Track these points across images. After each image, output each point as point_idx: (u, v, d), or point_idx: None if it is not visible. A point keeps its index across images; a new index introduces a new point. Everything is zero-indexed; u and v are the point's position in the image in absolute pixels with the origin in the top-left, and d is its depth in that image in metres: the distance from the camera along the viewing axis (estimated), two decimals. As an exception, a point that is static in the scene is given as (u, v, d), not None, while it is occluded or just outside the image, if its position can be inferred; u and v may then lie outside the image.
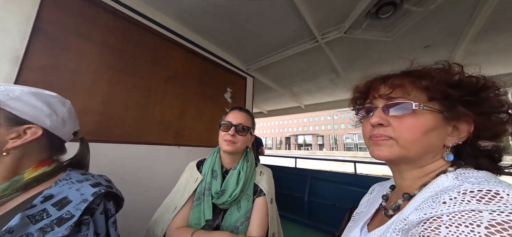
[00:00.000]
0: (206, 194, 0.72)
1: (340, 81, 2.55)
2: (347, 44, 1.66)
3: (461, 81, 0.37)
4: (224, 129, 0.77)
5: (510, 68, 1.97)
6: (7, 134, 0.44)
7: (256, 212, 0.72)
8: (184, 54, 1.54)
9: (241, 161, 0.79)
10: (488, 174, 0.33)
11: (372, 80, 0.46)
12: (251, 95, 2.24)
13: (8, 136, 0.44)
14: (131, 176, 1.16)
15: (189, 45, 1.57)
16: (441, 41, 1.56)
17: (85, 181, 0.48)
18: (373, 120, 0.41)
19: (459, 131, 0.38)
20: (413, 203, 0.35)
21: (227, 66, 1.91)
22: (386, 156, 0.39)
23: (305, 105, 3.70)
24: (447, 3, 1.15)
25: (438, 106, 0.37)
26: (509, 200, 0.26)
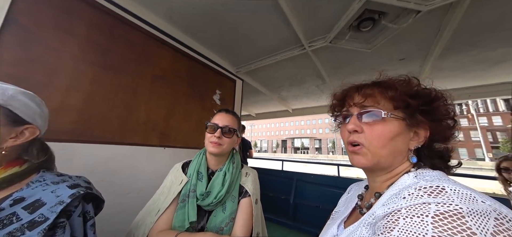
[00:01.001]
0: (190, 196, 0.72)
1: (325, 87, 2.67)
2: (332, 53, 1.76)
3: (418, 92, 0.43)
4: (210, 131, 0.78)
5: (466, 83, 2.22)
6: (8, 133, 0.43)
7: (241, 212, 0.73)
8: (172, 54, 1.52)
9: (227, 163, 0.80)
10: (441, 173, 0.39)
11: (348, 89, 0.51)
12: (240, 98, 2.25)
13: (8, 135, 0.43)
14: (113, 177, 1.11)
15: (178, 46, 1.55)
16: (413, 56, 1.71)
17: (61, 182, 0.46)
18: (349, 126, 0.45)
19: (418, 135, 0.44)
20: (381, 200, 0.40)
21: (216, 68, 1.92)
22: (363, 164, 0.44)
23: (293, 109, 3.80)
24: (417, 23, 1.27)
25: (402, 114, 0.43)
26: (451, 194, 0.31)
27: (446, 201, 0.30)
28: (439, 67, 1.85)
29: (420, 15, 1.18)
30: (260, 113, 4.39)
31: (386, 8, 1.19)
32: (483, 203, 0.29)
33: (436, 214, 0.29)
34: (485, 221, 0.27)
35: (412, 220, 0.30)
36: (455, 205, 0.29)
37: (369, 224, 0.38)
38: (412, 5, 1.12)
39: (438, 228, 0.28)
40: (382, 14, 1.26)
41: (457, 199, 0.29)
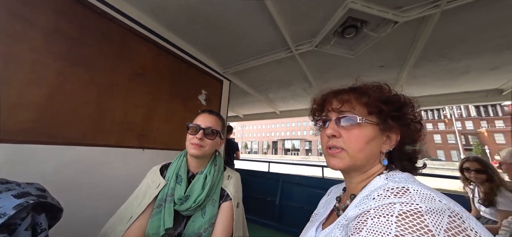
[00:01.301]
0: (167, 201, 0.68)
1: (312, 90, 2.73)
2: (318, 57, 1.80)
3: (389, 99, 0.46)
4: (192, 132, 0.75)
5: (437, 90, 2.41)
6: None
7: (221, 216, 0.71)
8: (154, 51, 1.44)
9: (208, 165, 0.77)
10: (409, 175, 0.41)
11: (327, 94, 0.52)
12: (227, 99, 2.21)
13: None
14: (83, 181, 1.02)
15: (161, 42, 1.48)
16: (392, 63, 1.82)
17: (5, 191, 0.40)
18: (328, 131, 0.47)
19: (390, 139, 0.46)
20: (355, 202, 0.41)
21: (202, 67, 1.86)
22: (340, 166, 0.46)
23: (280, 111, 3.84)
24: (395, 33, 1.35)
25: (375, 119, 0.45)
26: (414, 194, 0.32)
27: (409, 201, 0.32)
28: (414, 75, 1.99)
29: (397, 26, 1.25)
30: (247, 115, 4.37)
31: (367, 17, 1.24)
32: (439, 202, 0.31)
33: (399, 214, 0.31)
34: (440, 219, 0.29)
35: (379, 220, 0.32)
36: (416, 205, 0.31)
37: (342, 225, 0.39)
38: (390, 16, 1.18)
39: (400, 227, 0.30)
40: (364, 23, 1.31)
41: (418, 199, 0.32)
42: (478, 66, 1.80)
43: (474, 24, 1.28)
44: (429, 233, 0.28)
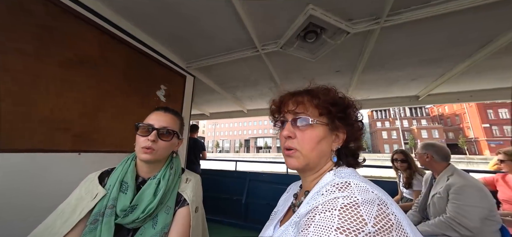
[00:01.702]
0: (106, 214, 0.57)
1: (278, 90, 2.84)
2: (283, 58, 1.87)
3: (336, 101, 0.50)
4: (142, 133, 0.65)
5: (379, 95, 2.87)
6: None
7: (176, 224, 0.64)
8: (102, 37, 1.22)
9: (163, 169, 0.69)
10: (353, 170, 0.46)
11: (284, 96, 0.54)
12: (190, 95, 2.07)
13: None
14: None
15: (111, 29, 1.26)
16: (345, 69, 2.06)
17: None
18: (284, 132, 0.50)
19: (338, 138, 0.51)
20: (307, 199, 0.43)
21: (162, 61, 1.68)
22: (296, 166, 0.49)
23: (248, 110, 3.85)
24: (347, 42, 1.53)
25: (325, 120, 0.49)
26: (354, 188, 0.36)
27: (349, 194, 0.35)
28: (362, 80, 2.30)
29: (349, 36, 1.42)
30: (214, 113, 4.22)
31: (326, 24, 1.36)
32: (372, 193, 0.35)
33: (341, 207, 0.34)
34: (371, 208, 0.33)
35: (325, 215, 0.34)
36: (355, 197, 0.34)
37: (295, 223, 0.41)
38: (343, 26, 1.32)
39: (341, 219, 0.33)
40: (323, 30, 1.43)
41: (357, 192, 0.35)
42: (404, 77, 2.22)
43: (401, 43, 1.57)
44: (363, 221, 0.32)
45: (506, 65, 1.88)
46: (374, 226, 0.31)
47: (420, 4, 1.16)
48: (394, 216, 0.33)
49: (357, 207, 0.33)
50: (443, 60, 1.82)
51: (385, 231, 0.31)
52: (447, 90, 2.62)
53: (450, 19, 1.28)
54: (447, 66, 1.94)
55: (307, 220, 0.36)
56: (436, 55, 1.76)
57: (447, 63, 1.88)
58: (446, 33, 1.44)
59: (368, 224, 0.31)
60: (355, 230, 0.31)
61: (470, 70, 1.92)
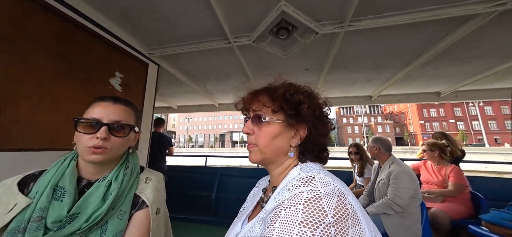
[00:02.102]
0: (31, 229, 0.46)
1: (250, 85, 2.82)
2: (256, 53, 1.86)
3: (287, 98, 0.51)
4: (86, 130, 0.54)
5: (341, 94, 3.18)
6: None
7: (132, 230, 0.56)
8: (18, 3, 0.94)
9: (116, 169, 0.60)
10: (318, 165, 0.48)
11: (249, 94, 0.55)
12: (154, 86, 1.87)
13: None
14: None
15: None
16: (314, 68, 2.19)
17: None
18: (243, 129, 0.53)
19: (299, 134, 0.52)
20: (274, 194, 0.44)
21: (118, 44, 1.45)
22: (254, 160, 0.52)
23: (219, 104, 3.74)
24: (316, 42, 1.62)
25: (282, 117, 0.50)
26: (317, 182, 0.38)
27: (313, 188, 0.37)
28: (328, 79, 2.50)
29: (318, 36, 1.50)
30: (182, 106, 3.95)
31: (297, 23, 1.40)
32: (333, 186, 0.38)
33: (306, 201, 0.35)
34: (331, 199, 0.35)
35: (290, 210, 0.35)
36: (318, 191, 0.36)
37: (262, 219, 0.41)
38: (313, 26, 1.39)
39: (305, 212, 0.34)
40: (294, 28, 1.47)
41: (320, 185, 0.37)
42: (361, 79, 2.51)
43: (361, 48, 1.75)
44: (324, 213, 0.34)
45: (429, 75, 2.32)
46: (334, 216, 0.34)
47: (376, 14, 1.31)
48: (350, 206, 0.36)
49: (320, 200, 0.35)
50: (390, 66, 2.13)
51: (342, 219, 0.34)
52: (392, 92, 3.08)
53: (395, 32, 1.48)
54: (392, 72, 2.27)
55: (273, 216, 0.37)
56: (385, 62, 2.03)
57: (392, 69, 2.20)
58: (392, 43, 1.67)
59: (328, 215, 0.33)
60: (317, 222, 0.32)
61: (407, 77, 2.30)
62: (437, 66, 2.09)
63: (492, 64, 2.02)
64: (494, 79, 2.35)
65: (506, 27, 1.41)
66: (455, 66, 2.09)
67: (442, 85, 2.73)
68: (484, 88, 2.74)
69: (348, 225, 0.34)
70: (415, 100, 3.27)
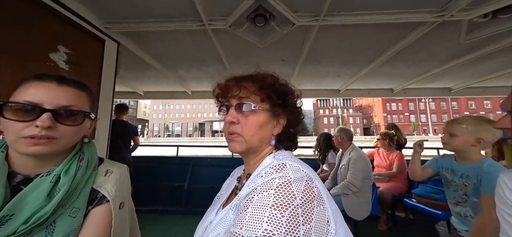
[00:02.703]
0: None
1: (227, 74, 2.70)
2: (232, 40, 1.79)
3: (277, 88, 0.53)
4: (17, 116, 0.44)
5: (313, 86, 3.36)
6: None
7: (89, 227, 0.50)
8: None
9: (66, 161, 0.51)
10: (290, 153, 0.51)
11: (229, 80, 0.53)
12: (113, 67, 1.63)
13: None
14: None
15: None
16: (289, 59, 2.23)
17: None
18: (228, 118, 0.49)
19: (279, 123, 0.54)
20: (248, 181, 0.44)
21: (62, 12, 1.19)
22: (238, 150, 0.50)
23: (192, 92, 3.53)
24: (293, 34, 1.64)
25: (267, 105, 0.50)
26: (288, 168, 0.40)
27: (284, 175, 0.38)
28: (302, 72, 2.59)
29: (294, 28, 1.52)
30: (150, 92, 3.60)
31: (274, 11, 1.38)
32: (302, 171, 0.40)
33: (277, 186, 0.37)
34: (301, 184, 0.38)
35: (262, 195, 0.37)
36: (288, 177, 0.38)
37: (235, 205, 0.42)
38: (290, 16, 1.39)
39: (276, 196, 0.36)
40: (272, 16, 1.46)
41: (291, 172, 0.39)
42: (332, 72, 2.69)
43: (332, 43, 1.86)
44: (293, 196, 0.36)
45: (386, 73, 2.65)
46: (301, 199, 0.36)
47: (348, 11, 1.39)
48: (316, 189, 0.40)
49: (290, 184, 0.37)
50: (357, 62, 2.33)
51: (309, 201, 0.37)
52: (357, 87, 3.40)
53: (363, 30, 1.61)
54: (359, 68, 2.49)
55: (246, 202, 0.38)
56: (353, 58, 2.21)
57: (359, 65, 2.42)
58: (360, 41, 1.82)
59: (297, 198, 0.36)
60: (286, 205, 0.35)
61: (369, 73, 2.57)
62: (392, 66, 2.38)
63: (430, 67, 2.41)
64: (430, 80, 2.82)
65: (442, 36, 1.69)
66: (405, 66, 2.41)
67: (395, 83, 3.15)
68: (425, 87, 3.26)
69: (313, 205, 0.37)
70: (374, 95, 3.69)
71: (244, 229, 0.33)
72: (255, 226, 0.33)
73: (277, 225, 0.32)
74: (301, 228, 0.33)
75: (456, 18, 1.37)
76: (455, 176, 1.21)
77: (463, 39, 1.66)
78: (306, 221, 0.35)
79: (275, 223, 0.32)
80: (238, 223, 0.35)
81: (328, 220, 0.39)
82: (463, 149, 1.17)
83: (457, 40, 1.71)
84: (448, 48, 1.92)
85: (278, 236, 0.31)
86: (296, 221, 0.34)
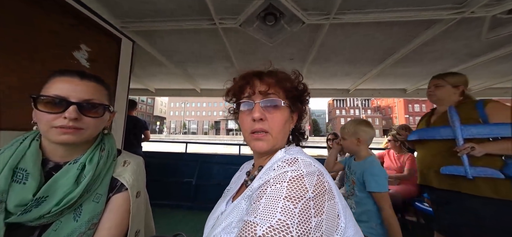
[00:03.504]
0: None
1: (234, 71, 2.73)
2: (242, 38, 1.80)
3: (297, 86, 0.55)
4: (48, 109, 0.48)
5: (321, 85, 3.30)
6: None
7: (110, 212, 0.54)
8: None
9: (90, 151, 0.55)
10: (300, 149, 0.52)
11: (246, 75, 0.53)
12: (128, 65, 1.70)
13: None
14: None
15: None
16: (298, 58, 2.22)
17: None
18: (256, 114, 0.47)
19: (293, 119, 0.55)
20: (260, 173, 0.46)
21: (84, 11, 1.26)
22: (266, 149, 0.49)
23: (201, 89, 3.60)
24: (302, 32, 1.63)
25: (289, 102, 0.52)
26: (300, 163, 0.41)
27: (296, 168, 0.40)
28: (311, 70, 2.57)
29: (304, 26, 1.51)
30: (161, 90, 3.70)
31: (285, 10, 1.38)
32: (314, 166, 0.41)
33: (290, 179, 0.38)
34: (312, 178, 0.39)
35: (275, 187, 0.38)
36: (301, 170, 0.39)
37: (248, 196, 0.43)
38: (300, 15, 1.39)
39: (289, 188, 0.37)
40: (282, 15, 1.46)
41: (303, 166, 0.40)
42: (341, 72, 2.64)
43: (343, 41, 1.82)
44: (305, 189, 0.37)
45: (398, 73, 2.56)
46: (313, 192, 0.37)
47: (359, 9, 1.36)
48: (327, 183, 0.41)
49: (302, 178, 0.38)
50: (367, 61, 2.27)
51: (320, 194, 0.38)
52: (367, 87, 3.32)
53: (375, 29, 1.57)
54: (369, 67, 2.44)
55: (260, 193, 0.39)
56: (363, 57, 2.16)
57: (369, 65, 2.36)
58: (371, 39, 1.77)
59: (309, 191, 0.37)
60: (299, 197, 0.36)
61: (380, 73, 2.50)
62: (405, 65, 2.30)
63: (446, 66, 2.31)
64: (448, 80, 2.69)
65: (460, 34, 1.61)
66: (419, 65, 2.33)
67: (408, 82, 3.04)
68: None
69: (324, 199, 0.38)
70: (386, 96, 3.59)
71: (258, 218, 0.34)
72: (269, 215, 0.34)
73: (290, 215, 0.34)
74: (313, 219, 0.35)
75: (477, 15, 1.31)
76: (350, 173, 1.35)
77: (485, 36, 1.58)
78: (317, 213, 0.36)
79: (288, 214, 0.34)
80: (252, 212, 0.36)
81: (338, 214, 0.40)
82: (352, 149, 1.34)
83: (477, 37, 1.63)
84: (467, 46, 1.84)
85: (291, 225, 0.32)
86: (308, 213, 0.35)
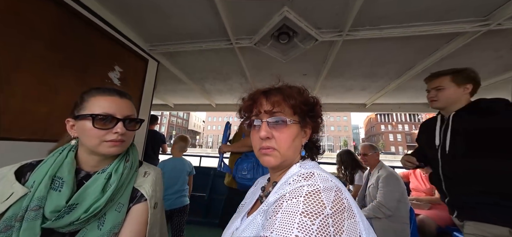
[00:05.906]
0: (29, 218, 0.45)
1: (247, 86, 2.84)
2: (256, 55, 1.89)
3: (307, 100, 0.54)
4: (101, 125, 0.55)
5: (336, 100, 3.24)
6: None
7: (130, 223, 0.57)
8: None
9: (116, 161, 0.60)
10: (316, 163, 0.51)
11: (255, 94, 0.55)
12: (152, 83, 1.85)
13: None
14: None
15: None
16: (311, 73, 2.24)
17: None
18: (262, 133, 0.49)
19: (306, 133, 0.55)
20: (275, 188, 0.46)
21: (118, 37, 1.44)
22: (274, 164, 0.50)
23: (217, 104, 3.73)
24: (315, 49, 1.66)
25: (297, 118, 0.52)
26: (317, 178, 0.40)
27: (313, 183, 0.39)
28: (325, 85, 2.56)
29: (317, 43, 1.54)
30: (179, 105, 3.91)
31: (298, 28, 1.44)
32: (331, 182, 0.40)
33: (306, 194, 0.37)
34: (330, 193, 0.38)
35: (291, 202, 0.37)
36: (317, 185, 0.39)
37: (263, 211, 0.43)
38: (313, 33, 1.43)
39: (306, 204, 0.36)
40: (295, 33, 1.51)
41: (319, 180, 0.40)
42: (356, 86, 2.58)
43: (357, 56, 1.82)
44: (323, 205, 0.36)
45: (418, 86, 2.43)
46: (332, 209, 0.36)
47: (373, 26, 1.37)
48: (346, 200, 0.39)
49: (319, 193, 0.37)
50: (384, 76, 2.21)
51: (339, 212, 0.37)
52: (385, 101, 3.18)
53: (390, 43, 1.55)
54: (386, 81, 2.36)
55: (276, 207, 0.38)
56: (379, 71, 2.11)
57: (386, 79, 2.29)
58: (387, 54, 1.74)
59: (327, 207, 0.36)
60: (316, 213, 0.35)
61: (399, 87, 2.40)
62: (427, 79, 2.19)
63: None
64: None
65: (486, 46, 1.52)
66: (444, 79, 2.19)
67: (431, 97, 2.86)
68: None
69: (344, 217, 0.37)
70: (407, 110, 3.39)
71: (274, 234, 0.33)
72: (285, 232, 0.33)
73: (308, 232, 0.32)
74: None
75: (504, 27, 1.23)
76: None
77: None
78: (337, 232, 0.34)
79: (305, 230, 0.33)
80: (268, 227, 0.36)
81: (360, 235, 0.38)
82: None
83: (508, 49, 1.52)
84: (497, 59, 1.71)
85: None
86: (327, 231, 0.33)
